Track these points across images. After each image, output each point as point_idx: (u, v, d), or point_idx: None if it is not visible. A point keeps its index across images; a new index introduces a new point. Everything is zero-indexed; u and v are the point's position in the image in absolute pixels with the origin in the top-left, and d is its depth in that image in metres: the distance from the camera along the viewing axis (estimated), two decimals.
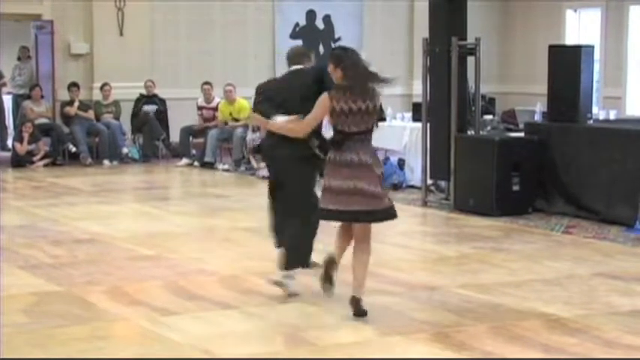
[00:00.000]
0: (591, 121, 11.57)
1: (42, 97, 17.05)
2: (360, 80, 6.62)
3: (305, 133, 6.97)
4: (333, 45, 19.38)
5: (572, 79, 11.19)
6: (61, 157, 16.71)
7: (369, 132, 6.72)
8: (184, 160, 16.62)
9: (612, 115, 13.44)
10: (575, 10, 19.18)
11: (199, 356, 5.96)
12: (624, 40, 18.07)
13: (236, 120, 16.41)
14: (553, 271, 8.32)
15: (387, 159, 13.87)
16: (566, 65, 11.31)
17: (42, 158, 16.39)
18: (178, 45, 18.08)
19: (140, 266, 8.55)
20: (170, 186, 15.20)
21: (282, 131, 7.05)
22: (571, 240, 9.80)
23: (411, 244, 9.78)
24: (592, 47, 11.79)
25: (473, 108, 12.09)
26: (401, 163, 13.72)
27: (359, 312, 6.61)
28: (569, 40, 18.65)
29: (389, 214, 6.82)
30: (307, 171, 7.36)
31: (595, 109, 13.00)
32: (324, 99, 6.66)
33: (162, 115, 17.44)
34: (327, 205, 6.70)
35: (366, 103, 6.61)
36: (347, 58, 6.70)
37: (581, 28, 19.13)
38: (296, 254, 7.29)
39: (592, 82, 11.72)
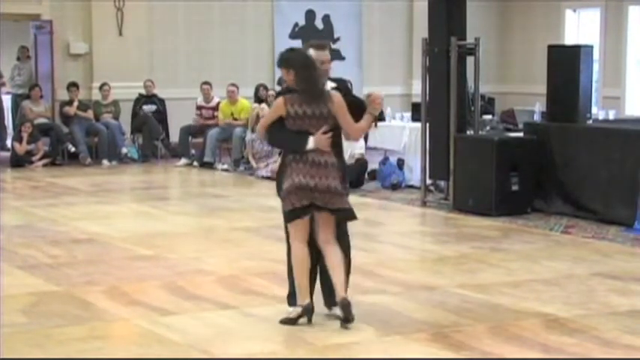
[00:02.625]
0: (590, 121, 11.57)
1: (41, 97, 17.05)
2: (311, 84, 6.43)
3: (261, 134, 6.81)
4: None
5: (571, 79, 11.19)
6: (60, 157, 16.71)
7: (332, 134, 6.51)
8: (183, 160, 16.61)
9: (611, 115, 13.43)
10: (575, 10, 19.20)
11: (198, 356, 5.96)
12: (623, 40, 18.09)
13: (236, 119, 16.41)
14: (552, 271, 8.32)
15: (386, 159, 13.89)
16: (566, 65, 11.31)
17: (41, 158, 16.38)
18: (177, 45, 18.09)
19: (139, 266, 8.55)
20: (169, 186, 15.20)
21: None
22: (570, 240, 9.80)
23: (410, 244, 9.78)
24: (591, 47, 11.80)
25: (472, 108, 12.09)
26: (400, 163, 13.73)
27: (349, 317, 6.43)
28: (569, 40, 18.67)
29: (351, 213, 6.63)
30: None
31: (594, 109, 12.99)
32: (278, 102, 6.51)
33: (161, 115, 17.45)
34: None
35: (320, 108, 6.43)
36: (297, 61, 6.48)
37: (580, 28, 19.15)
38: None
39: (591, 82, 11.71)
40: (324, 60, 6.62)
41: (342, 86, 6.84)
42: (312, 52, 6.60)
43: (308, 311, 6.50)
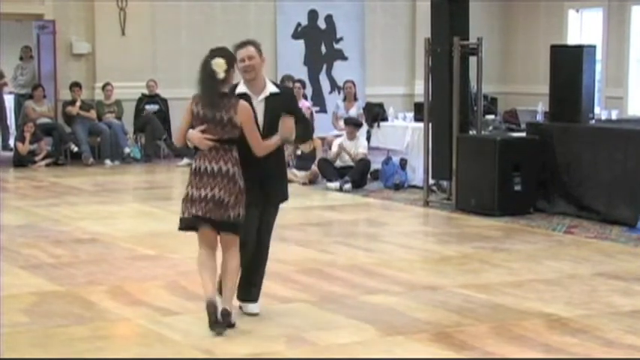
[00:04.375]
0: (593, 121, 11.57)
1: (44, 96, 17.08)
2: (201, 89, 6.37)
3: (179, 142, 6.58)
4: (335, 45, 19.42)
5: (573, 79, 11.19)
6: (62, 156, 16.73)
7: (228, 142, 6.32)
8: (185, 160, 16.59)
9: (614, 115, 13.43)
10: (577, 10, 19.18)
11: (200, 356, 5.96)
12: (626, 40, 18.08)
13: None
14: (554, 271, 8.31)
15: (389, 159, 13.89)
16: (568, 65, 11.31)
17: (44, 158, 16.40)
18: (180, 45, 18.09)
19: (141, 266, 8.55)
20: (171, 186, 15.17)
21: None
22: (572, 240, 9.79)
23: (412, 243, 9.77)
24: (594, 47, 11.79)
25: (475, 108, 12.09)
26: (403, 163, 13.72)
27: (222, 326, 6.29)
28: (571, 40, 18.67)
29: (233, 227, 6.37)
30: None
31: (597, 109, 12.98)
32: (190, 101, 6.43)
33: (164, 115, 17.47)
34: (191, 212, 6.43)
35: (220, 114, 6.28)
36: (201, 64, 6.44)
37: (583, 28, 19.14)
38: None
39: (594, 82, 11.71)
40: (245, 57, 6.49)
41: (287, 94, 6.68)
42: (237, 51, 6.54)
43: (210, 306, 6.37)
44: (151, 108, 17.33)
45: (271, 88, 6.58)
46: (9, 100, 19.70)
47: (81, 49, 17.53)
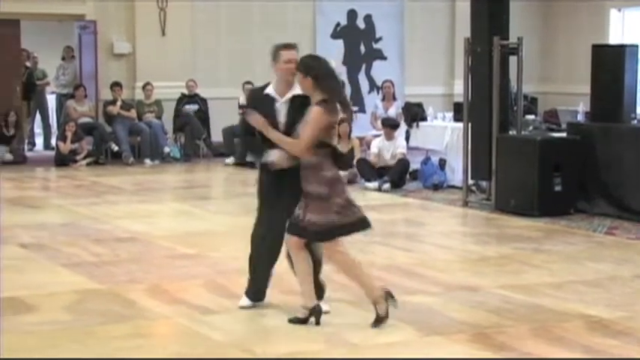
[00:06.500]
0: (635, 121, 11.47)
1: (85, 96, 17.22)
2: (338, 92, 6.48)
3: (302, 154, 6.40)
4: (374, 45, 19.42)
5: (615, 78, 11.11)
6: (103, 156, 16.86)
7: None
8: (232, 159, 16.54)
9: None
10: (619, 10, 19.04)
11: (240, 355, 5.97)
12: None
13: None
14: (595, 272, 8.25)
15: (428, 159, 13.86)
16: (610, 65, 11.22)
17: (85, 157, 16.53)
18: (219, 45, 18.18)
19: (181, 265, 8.59)
20: (211, 185, 15.26)
21: (280, 143, 6.50)
22: (613, 241, 9.71)
23: (451, 244, 9.75)
24: (636, 47, 11.69)
25: (515, 108, 12.03)
26: (442, 163, 13.69)
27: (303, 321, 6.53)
28: (613, 39, 18.52)
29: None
30: None
31: (639, 109, 12.87)
32: (318, 113, 6.32)
33: (203, 115, 17.55)
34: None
35: (337, 117, 6.50)
36: (319, 68, 6.46)
37: (625, 27, 18.99)
38: None
39: (636, 81, 11.61)
40: (292, 59, 6.68)
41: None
42: (282, 52, 6.78)
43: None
44: (190, 108, 17.42)
45: (296, 90, 6.64)
46: (51, 100, 19.92)
47: (121, 49, 17.66)
